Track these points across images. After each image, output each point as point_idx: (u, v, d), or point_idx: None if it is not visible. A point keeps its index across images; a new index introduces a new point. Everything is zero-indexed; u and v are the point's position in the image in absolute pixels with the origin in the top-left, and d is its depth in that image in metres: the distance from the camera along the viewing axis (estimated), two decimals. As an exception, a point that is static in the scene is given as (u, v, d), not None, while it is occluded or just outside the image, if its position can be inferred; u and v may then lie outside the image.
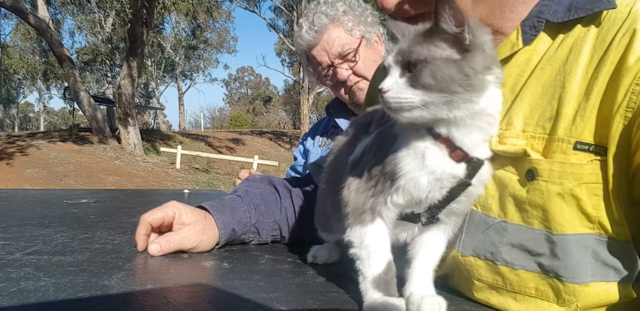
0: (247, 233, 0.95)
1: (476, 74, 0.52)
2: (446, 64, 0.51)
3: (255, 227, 0.96)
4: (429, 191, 0.56)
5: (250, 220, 0.95)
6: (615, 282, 0.58)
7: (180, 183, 11.54)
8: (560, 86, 0.59)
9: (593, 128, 0.57)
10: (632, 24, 0.57)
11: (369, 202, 0.59)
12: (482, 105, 0.54)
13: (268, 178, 1.07)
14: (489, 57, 0.54)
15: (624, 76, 0.55)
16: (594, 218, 0.57)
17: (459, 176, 0.56)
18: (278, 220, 0.98)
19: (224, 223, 0.90)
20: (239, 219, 0.93)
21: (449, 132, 0.55)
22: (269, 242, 0.98)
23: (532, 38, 0.63)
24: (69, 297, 0.58)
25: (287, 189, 1.03)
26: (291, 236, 0.99)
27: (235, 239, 0.94)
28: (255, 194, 0.99)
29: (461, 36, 0.51)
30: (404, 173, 0.56)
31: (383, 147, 0.59)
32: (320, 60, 1.49)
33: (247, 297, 0.61)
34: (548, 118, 0.59)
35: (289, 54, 31.21)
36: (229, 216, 0.92)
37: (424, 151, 0.55)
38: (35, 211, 1.32)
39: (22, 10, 12.40)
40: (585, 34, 0.60)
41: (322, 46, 1.46)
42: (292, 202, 1.00)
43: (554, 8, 0.63)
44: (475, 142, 0.56)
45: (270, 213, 0.98)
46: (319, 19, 1.44)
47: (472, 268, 0.64)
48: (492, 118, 0.57)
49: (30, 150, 12.39)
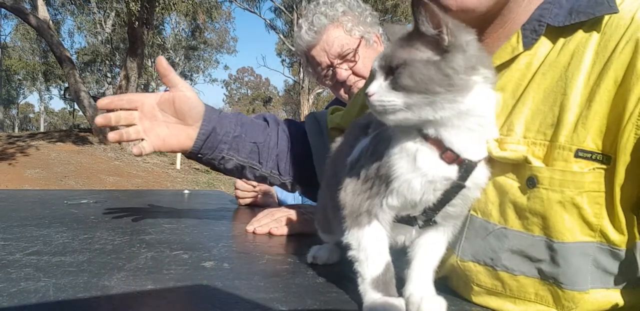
0: (226, 144, 0.96)
1: (457, 74, 0.52)
2: (425, 65, 0.52)
3: (235, 142, 0.96)
4: (423, 193, 0.56)
5: (232, 132, 0.96)
6: (617, 289, 0.58)
7: (180, 183, 11.54)
8: (562, 92, 0.59)
9: (595, 136, 0.56)
10: (635, 32, 0.56)
11: (365, 204, 0.59)
12: (468, 106, 0.54)
13: (262, 114, 1.10)
14: (472, 57, 0.53)
15: (635, 84, 0.54)
16: (595, 226, 0.56)
17: (451, 178, 0.56)
18: (259, 142, 0.99)
19: (208, 119, 0.92)
20: (223, 124, 0.95)
21: (438, 133, 0.55)
22: (245, 166, 0.99)
23: (533, 42, 0.63)
24: (69, 298, 0.58)
25: (277, 123, 1.05)
26: (268, 165, 1.00)
27: (214, 144, 0.94)
28: (246, 117, 1.02)
29: (439, 37, 0.52)
30: (397, 176, 0.56)
31: (379, 149, 0.59)
32: (320, 61, 1.49)
33: (247, 297, 0.61)
34: (549, 124, 0.59)
35: (289, 54, 31.20)
36: (216, 117, 0.94)
37: (415, 153, 0.56)
38: (36, 211, 1.32)
39: (23, 10, 12.39)
40: (587, 40, 0.59)
41: (321, 46, 1.47)
42: (277, 134, 1.02)
43: (555, 11, 0.62)
44: (466, 143, 0.56)
45: (254, 135, 0.99)
46: (318, 19, 1.45)
47: (471, 274, 0.64)
48: (482, 119, 0.56)
49: (31, 150, 12.39)
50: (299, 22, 1.53)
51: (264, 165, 1.00)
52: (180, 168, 13.26)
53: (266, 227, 1.05)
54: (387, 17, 19.66)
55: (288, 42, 23.75)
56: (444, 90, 0.52)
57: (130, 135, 0.89)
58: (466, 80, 0.53)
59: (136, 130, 0.90)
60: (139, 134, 0.90)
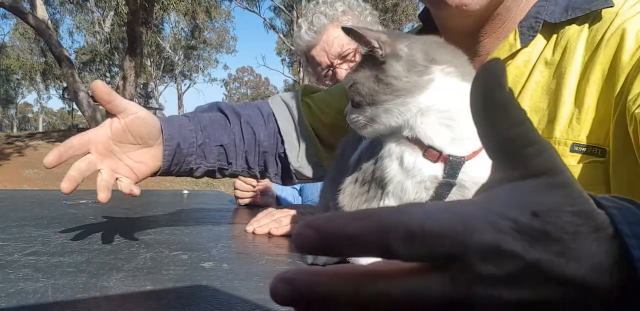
0: (193, 155, 0.92)
1: (399, 79, 0.54)
2: (368, 80, 0.57)
3: (201, 150, 0.92)
4: (416, 193, 0.57)
5: (196, 141, 0.91)
6: None
7: (179, 183, 11.53)
8: (557, 88, 0.59)
9: (590, 130, 0.57)
10: (621, 23, 0.56)
11: (363, 207, 0.60)
12: (427, 103, 0.55)
13: (216, 104, 1.04)
14: (411, 61, 0.55)
15: (620, 76, 0.54)
16: None
17: (437, 176, 0.56)
18: (225, 144, 0.95)
19: (170, 136, 0.86)
20: (185, 136, 0.89)
21: (413, 133, 0.56)
22: (215, 169, 0.96)
23: (530, 39, 0.63)
24: (68, 298, 0.58)
25: (237, 114, 0.99)
26: (238, 163, 0.97)
27: (180, 159, 0.89)
28: (204, 117, 0.96)
29: (374, 53, 0.56)
30: (390, 179, 0.57)
31: (375, 152, 0.60)
32: (320, 61, 1.48)
33: (247, 298, 0.61)
34: (547, 121, 0.59)
35: (289, 53, 31.21)
36: (176, 131, 0.87)
37: (402, 154, 0.57)
38: (34, 211, 1.31)
39: (21, 10, 12.37)
40: (579, 34, 0.60)
41: (321, 46, 1.46)
42: (240, 128, 0.97)
43: (551, 8, 0.62)
44: (445, 139, 0.56)
45: (218, 136, 0.94)
46: (318, 19, 1.44)
47: None
48: (448, 113, 0.55)
49: (29, 150, 12.38)
50: (299, 21, 1.53)
51: (234, 164, 0.97)
52: (179, 168, 13.24)
53: (266, 227, 1.05)
54: (387, 16, 19.68)
55: (288, 42, 23.76)
56: (391, 96, 0.55)
57: (109, 183, 0.81)
58: (413, 81, 0.54)
59: (107, 174, 0.82)
60: (112, 177, 0.82)
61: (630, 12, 0.57)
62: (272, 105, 1.02)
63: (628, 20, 0.57)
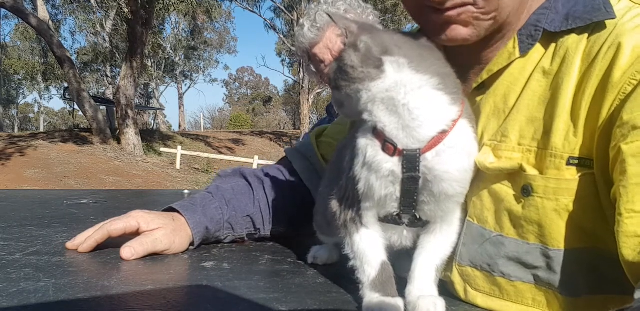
0: (222, 230, 0.94)
1: (355, 69, 0.56)
2: (334, 68, 0.60)
3: (228, 223, 0.94)
4: (385, 188, 0.57)
5: (223, 217, 0.93)
6: (614, 294, 0.57)
7: (180, 183, 11.54)
8: (554, 100, 0.58)
9: (584, 143, 0.56)
10: (617, 37, 0.55)
11: (349, 212, 0.61)
12: (375, 92, 0.56)
13: (239, 170, 1.04)
14: (367, 53, 0.56)
15: (609, 91, 0.54)
16: (590, 231, 0.56)
17: (394, 171, 0.56)
18: (251, 213, 0.96)
19: (196, 223, 0.88)
20: (212, 216, 0.91)
21: (382, 124, 0.57)
22: (244, 237, 0.97)
23: (530, 47, 0.62)
24: (69, 298, 0.58)
25: (260, 180, 1.00)
26: (266, 228, 0.98)
27: (209, 237, 0.92)
28: (227, 189, 0.97)
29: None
30: (358, 176, 0.58)
31: (352, 153, 0.61)
32: (323, 58, 1.49)
33: (247, 297, 0.61)
34: (543, 132, 0.58)
35: (289, 54, 31.21)
36: (200, 215, 0.90)
37: (365, 149, 0.58)
38: (35, 211, 1.32)
39: (23, 10, 12.40)
40: (578, 45, 0.59)
41: (324, 44, 1.47)
42: (265, 193, 0.98)
43: (552, 17, 0.61)
44: (398, 131, 0.56)
45: (243, 207, 0.95)
46: (320, 16, 1.45)
47: (469, 278, 0.64)
48: (393, 101, 0.56)
49: (30, 150, 12.40)
50: (301, 21, 1.53)
51: (262, 229, 0.98)
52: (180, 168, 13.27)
53: None
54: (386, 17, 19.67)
55: (288, 42, 23.76)
56: (348, 83, 0.58)
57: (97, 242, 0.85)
58: (366, 72, 0.56)
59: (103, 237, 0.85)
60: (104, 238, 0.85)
61: (629, 25, 0.56)
62: (290, 159, 1.03)
63: (626, 34, 0.55)
